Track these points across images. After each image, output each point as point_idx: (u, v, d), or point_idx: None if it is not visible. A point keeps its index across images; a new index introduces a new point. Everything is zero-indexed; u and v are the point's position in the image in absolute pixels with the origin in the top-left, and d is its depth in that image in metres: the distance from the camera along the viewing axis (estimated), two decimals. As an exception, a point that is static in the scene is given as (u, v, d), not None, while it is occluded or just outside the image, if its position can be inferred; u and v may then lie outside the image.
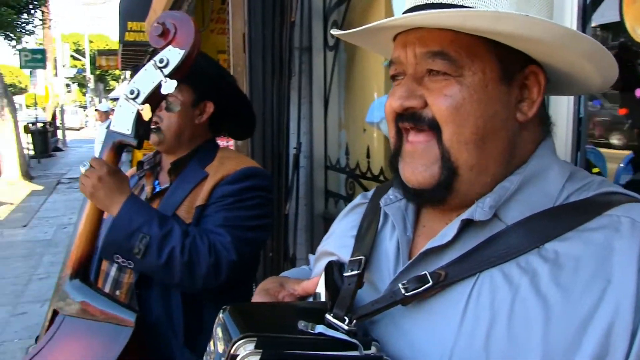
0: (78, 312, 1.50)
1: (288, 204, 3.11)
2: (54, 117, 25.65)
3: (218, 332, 0.78)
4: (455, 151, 0.82)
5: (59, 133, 26.44)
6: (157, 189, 1.89)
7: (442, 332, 0.78)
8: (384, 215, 0.98)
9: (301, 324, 0.77)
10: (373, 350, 0.75)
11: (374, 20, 2.74)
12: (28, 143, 18.84)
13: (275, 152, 3.19)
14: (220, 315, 0.79)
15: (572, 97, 1.26)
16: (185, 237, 1.59)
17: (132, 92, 1.47)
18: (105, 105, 11.05)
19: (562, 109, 1.30)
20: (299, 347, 0.73)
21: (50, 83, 24.39)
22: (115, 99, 39.96)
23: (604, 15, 1.49)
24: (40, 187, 14.19)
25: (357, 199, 1.14)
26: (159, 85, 1.45)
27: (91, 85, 41.86)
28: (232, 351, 0.70)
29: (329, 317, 0.81)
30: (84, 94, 50.64)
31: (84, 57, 39.68)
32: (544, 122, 0.90)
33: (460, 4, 0.80)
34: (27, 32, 15.10)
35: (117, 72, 40.54)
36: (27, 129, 19.44)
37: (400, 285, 0.80)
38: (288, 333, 0.76)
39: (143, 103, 1.47)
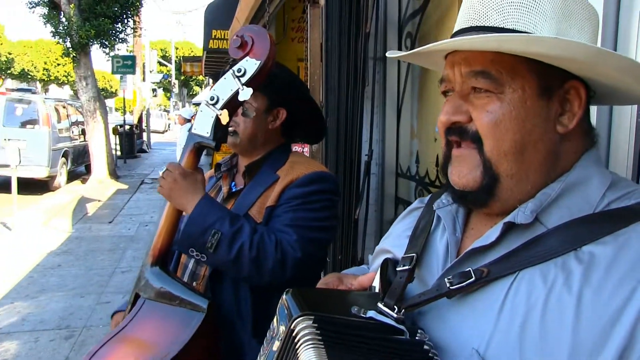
0: (156, 296, 1.63)
1: (358, 209, 3.18)
2: (140, 120, 26.91)
3: (280, 311, 0.87)
4: (495, 161, 0.89)
5: (144, 135, 27.69)
6: (233, 190, 2.02)
7: (481, 323, 0.84)
8: (437, 218, 1.06)
9: (354, 309, 0.85)
10: (418, 337, 0.82)
11: (447, 31, 2.80)
12: (116, 144, 19.81)
13: (348, 158, 3.27)
14: (284, 296, 0.88)
15: (635, 106, 1.27)
16: (253, 235, 1.69)
17: (212, 99, 1.60)
18: (187, 110, 11.30)
19: (625, 118, 1.30)
20: (351, 327, 0.81)
21: (139, 88, 25.63)
22: (197, 104, 41.38)
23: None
24: (125, 186, 14.92)
25: (415, 203, 1.23)
26: (236, 93, 1.57)
27: (176, 90, 43.51)
28: (291, 326, 0.78)
29: (380, 305, 0.89)
30: (169, 99, 52.78)
31: (170, 63, 41.39)
32: (588, 133, 0.94)
33: (502, 26, 0.87)
34: (121, 40, 15.94)
35: (200, 77, 42.00)
36: (115, 131, 20.45)
37: (445, 279, 0.87)
38: (342, 315, 0.84)
39: (222, 109, 1.59)
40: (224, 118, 1.58)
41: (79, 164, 16.58)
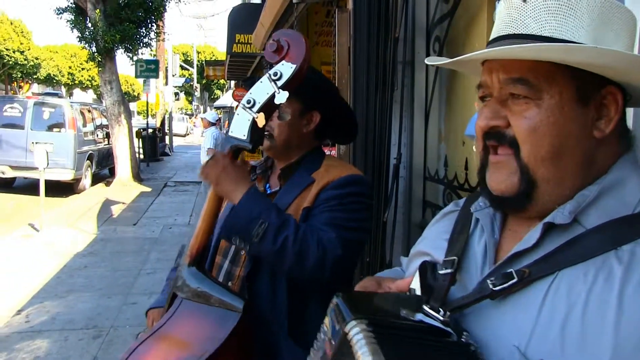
0: (193, 296, 1.65)
1: (387, 212, 3.19)
2: (162, 123, 27.19)
3: (331, 314, 0.88)
4: (532, 166, 0.90)
5: (167, 139, 27.97)
6: (268, 192, 2.05)
7: (521, 321, 0.85)
8: (475, 221, 1.08)
9: (403, 312, 0.87)
10: (464, 339, 0.84)
11: (476, 36, 2.81)
12: (139, 147, 20.03)
13: (377, 161, 3.29)
14: (334, 300, 0.89)
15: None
16: (298, 229, 1.72)
17: (248, 102, 1.63)
18: (212, 114, 11.31)
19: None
20: (403, 330, 0.83)
21: (161, 91, 25.93)
22: (219, 108, 41.73)
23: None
24: (149, 189, 15.08)
25: (450, 207, 1.24)
26: (272, 96, 1.60)
27: (197, 93, 43.90)
28: (345, 329, 0.80)
29: (425, 308, 0.90)
30: (190, 102, 53.25)
31: (192, 67, 41.79)
32: (624, 136, 0.95)
33: (539, 34, 0.88)
34: (145, 45, 16.14)
35: (222, 81, 42.32)
36: (139, 135, 20.67)
37: (488, 281, 0.89)
38: (393, 318, 0.86)
39: (258, 112, 1.62)
40: (261, 121, 1.61)
41: (103, 166, 16.80)
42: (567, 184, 0.90)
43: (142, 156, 20.49)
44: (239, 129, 1.65)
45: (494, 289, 0.87)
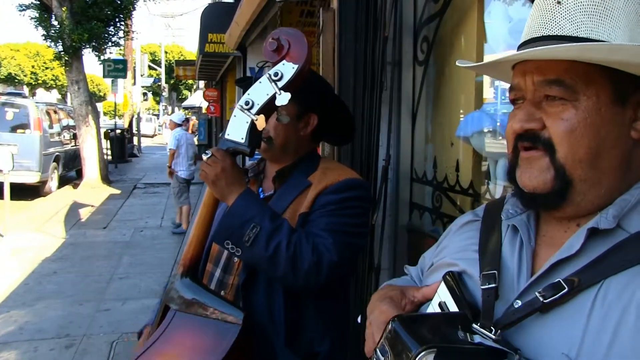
0: (188, 307, 1.57)
1: (375, 214, 3.13)
2: (130, 124, 26.77)
3: (389, 341, 0.84)
4: (569, 167, 0.89)
5: (135, 140, 27.56)
6: (262, 196, 1.96)
7: (569, 329, 0.83)
8: (505, 229, 1.05)
9: (460, 334, 0.84)
10: (517, 357, 0.81)
11: (466, 36, 2.77)
12: (107, 149, 19.69)
13: (365, 163, 3.23)
14: (391, 325, 0.85)
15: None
16: (292, 234, 1.66)
17: (247, 103, 1.55)
18: (178, 115, 11.25)
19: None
20: (469, 355, 0.81)
21: (129, 91, 25.51)
22: (187, 108, 41.34)
23: None
24: (118, 191, 14.82)
25: (468, 216, 1.21)
26: (272, 97, 1.52)
27: (165, 94, 43.42)
28: None
29: (476, 327, 0.87)
30: (158, 103, 52.58)
31: (160, 67, 41.28)
32: None
33: (575, 35, 0.87)
34: (113, 44, 15.83)
35: (190, 81, 41.90)
36: (107, 135, 20.35)
37: (537, 294, 0.86)
38: (453, 343, 0.82)
39: (257, 113, 1.54)
40: (261, 123, 1.53)
41: (70, 169, 16.47)
42: (603, 184, 0.90)
43: (110, 157, 20.18)
44: (237, 131, 1.56)
45: (544, 301, 0.85)
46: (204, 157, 1.67)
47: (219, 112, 19.64)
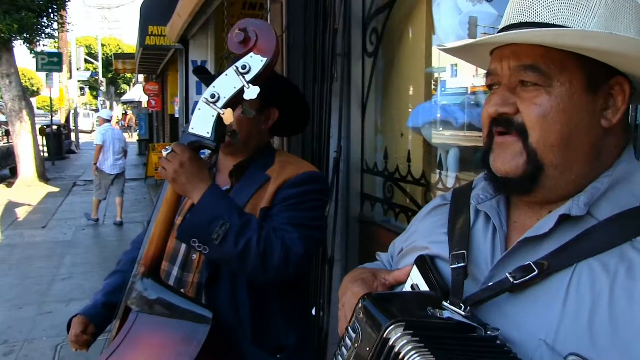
0: (152, 308, 1.52)
1: (328, 206, 3.13)
2: (67, 119, 25.84)
3: (359, 318, 0.85)
4: (541, 152, 0.91)
5: (72, 135, 26.64)
6: (217, 191, 1.93)
7: (546, 314, 0.85)
8: (474, 213, 1.07)
9: (430, 310, 0.86)
10: (490, 332, 0.84)
11: (416, 27, 2.79)
12: (43, 145, 18.97)
13: (316, 155, 3.23)
14: (362, 303, 0.86)
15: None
16: (261, 230, 1.64)
17: (212, 96, 1.50)
18: (105, 111, 11.35)
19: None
20: (438, 329, 0.83)
21: (65, 86, 24.60)
22: (126, 102, 40.20)
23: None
24: (56, 189, 14.31)
25: (437, 200, 1.23)
26: (240, 91, 1.49)
27: (103, 88, 42.09)
28: (384, 335, 0.78)
29: (446, 304, 0.90)
30: (95, 97, 50.92)
31: (97, 60, 39.96)
32: (626, 129, 0.98)
33: (551, 22, 0.89)
34: (47, 36, 15.19)
35: (128, 75, 40.78)
36: (42, 132, 19.58)
37: (507, 274, 0.88)
38: (424, 318, 0.84)
39: (223, 107, 1.51)
40: (227, 117, 1.50)
41: (2, 166, 15.78)
42: (574, 170, 0.91)
43: (46, 154, 19.42)
44: (202, 125, 1.52)
45: (514, 282, 0.87)
46: (163, 153, 1.61)
47: (160, 106, 19.20)
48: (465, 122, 2.95)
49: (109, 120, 10.65)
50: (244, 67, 1.48)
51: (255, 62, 1.48)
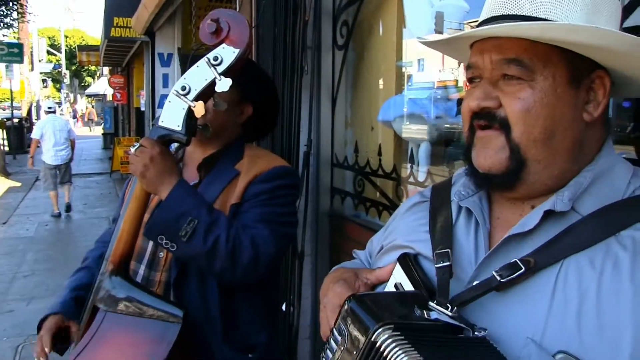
0: (122, 308, 1.48)
1: (298, 200, 3.11)
2: (29, 112, 25.20)
3: (345, 321, 0.83)
4: (524, 147, 0.90)
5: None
6: (185, 185, 1.88)
7: (532, 312, 0.84)
8: (457, 210, 1.05)
9: (417, 312, 0.84)
10: (478, 333, 0.82)
11: (385, 21, 2.79)
12: (3, 139, 18.51)
13: (286, 149, 3.20)
14: (347, 305, 0.84)
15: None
16: (230, 227, 1.60)
17: (183, 89, 1.46)
18: (47, 103, 11.60)
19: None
20: (427, 331, 0.81)
21: (26, 77, 23.98)
22: (90, 96, 39.36)
23: (638, 20, 1.54)
24: (18, 184, 13.96)
25: (416, 198, 1.21)
26: (212, 83, 1.45)
27: (67, 81, 41.19)
28: (372, 338, 0.75)
29: (432, 304, 0.88)
30: (59, 90, 49.79)
31: (60, 52, 39.08)
32: (606, 123, 0.98)
33: (534, 15, 0.88)
34: (6, 26, 14.75)
35: (93, 68, 39.95)
36: (2, 125, 19.09)
37: (494, 273, 0.87)
38: (410, 320, 0.82)
39: (195, 100, 1.47)
40: (199, 110, 1.46)
41: (-39, 161, 15.30)
42: (557, 165, 0.91)
43: (7, 148, 18.89)
44: (172, 118, 1.48)
45: (501, 280, 0.86)
46: (132, 150, 1.56)
47: (126, 100, 18.86)
48: (435, 116, 2.96)
49: (53, 112, 10.83)
50: (215, 58, 1.44)
51: (227, 53, 1.45)
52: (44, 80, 38.31)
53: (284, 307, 3.29)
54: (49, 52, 37.46)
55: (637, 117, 1.75)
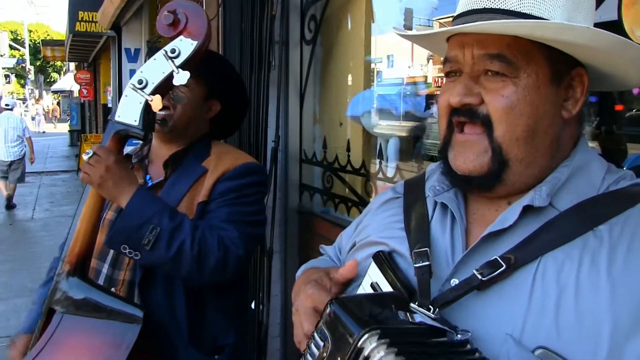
0: (79, 309, 1.44)
1: (266, 197, 3.07)
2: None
3: (328, 325, 0.80)
4: (506, 146, 0.88)
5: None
6: (150, 183, 1.84)
7: (511, 310, 0.83)
8: (432, 205, 1.03)
9: (401, 315, 0.82)
10: (460, 335, 0.80)
11: (354, 16, 2.77)
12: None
13: (253, 145, 3.16)
14: (330, 308, 0.81)
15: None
16: (195, 231, 1.56)
17: (140, 82, 1.42)
18: (7, 99, 11.87)
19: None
20: (413, 335, 0.79)
21: (-12, 73, 23.37)
22: (57, 92, 38.59)
23: (602, 15, 1.54)
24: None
25: (388, 194, 1.18)
26: (169, 76, 1.41)
27: (31, 76, 40.31)
28: (358, 344, 0.73)
29: (415, 306, 0.86)
30: (23, 86, 48.66)
31: (24, 47, 38.20)
32: (581, 119, 0.98)
33: (517, 10, 0.86)
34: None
35: (58, 63, 39.18)
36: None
37: (475, 271, 0.85)
38: (395, 323, 0.81)
39: (152, 93, 1.42)
40: (156, 104, 1.41)
41: None
42: (538, 163, 0.90)
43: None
44: (129, 113, 1.43)
45: (482, 279, 0.84)
46: (85, 157, 1.51)
47: (93, 96, 18.53)
48: (403, 112, 2.95)
49: (10, 109, 11.08)
50: (173, 51, 1.41)
51: (185, 45, 1.41)
52: (6, 76, 37.42)
53: (253, 306, 3.26)
54: (11, 47, 36.62)
55: (602, 111, 1.77)
